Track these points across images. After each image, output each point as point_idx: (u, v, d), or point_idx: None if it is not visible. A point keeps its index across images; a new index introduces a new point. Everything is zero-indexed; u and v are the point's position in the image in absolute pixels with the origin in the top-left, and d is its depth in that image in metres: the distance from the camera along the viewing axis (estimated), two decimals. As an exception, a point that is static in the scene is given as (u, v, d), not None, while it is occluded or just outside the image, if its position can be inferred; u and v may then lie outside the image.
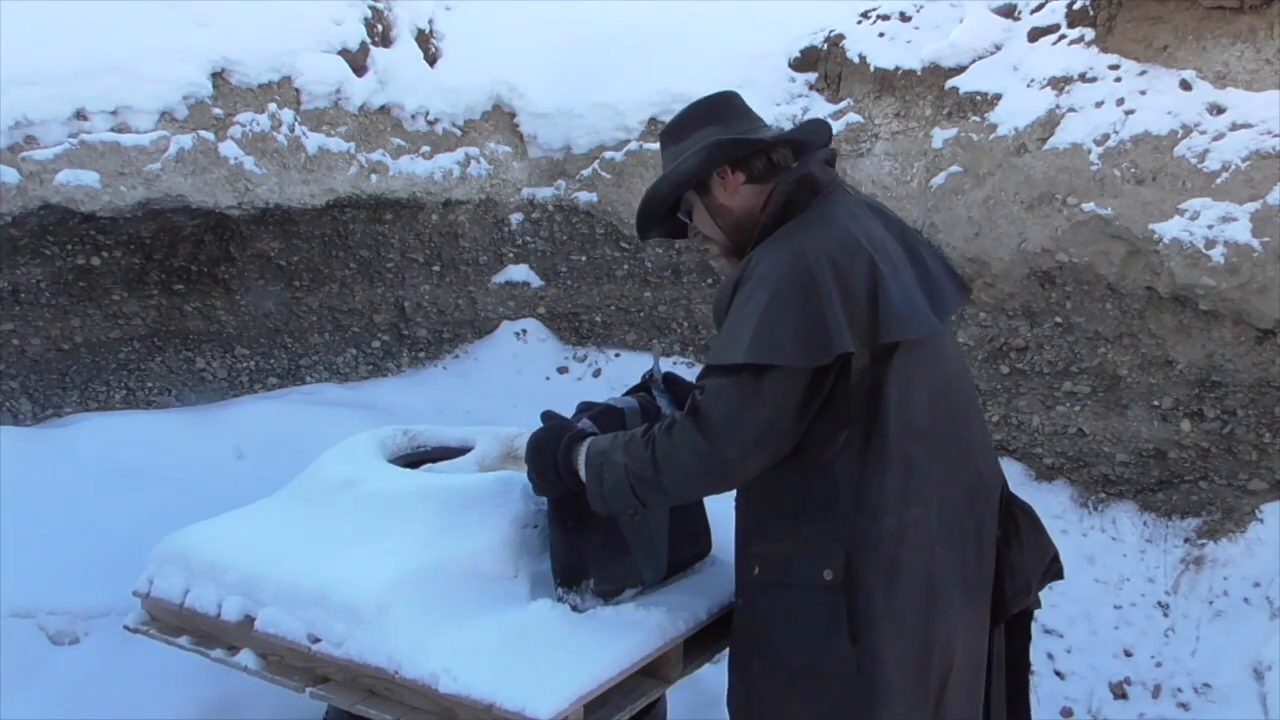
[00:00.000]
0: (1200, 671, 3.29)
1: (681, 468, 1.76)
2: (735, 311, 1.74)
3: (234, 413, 4.29)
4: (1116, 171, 3.85)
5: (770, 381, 1.70)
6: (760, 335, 1.68)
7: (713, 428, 1.72)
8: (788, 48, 4.95)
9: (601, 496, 1.86)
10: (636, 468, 1.79)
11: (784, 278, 1.71)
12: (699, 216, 1.96)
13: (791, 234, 1.79)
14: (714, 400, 1.72)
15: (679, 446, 1.75)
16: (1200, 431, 3.76)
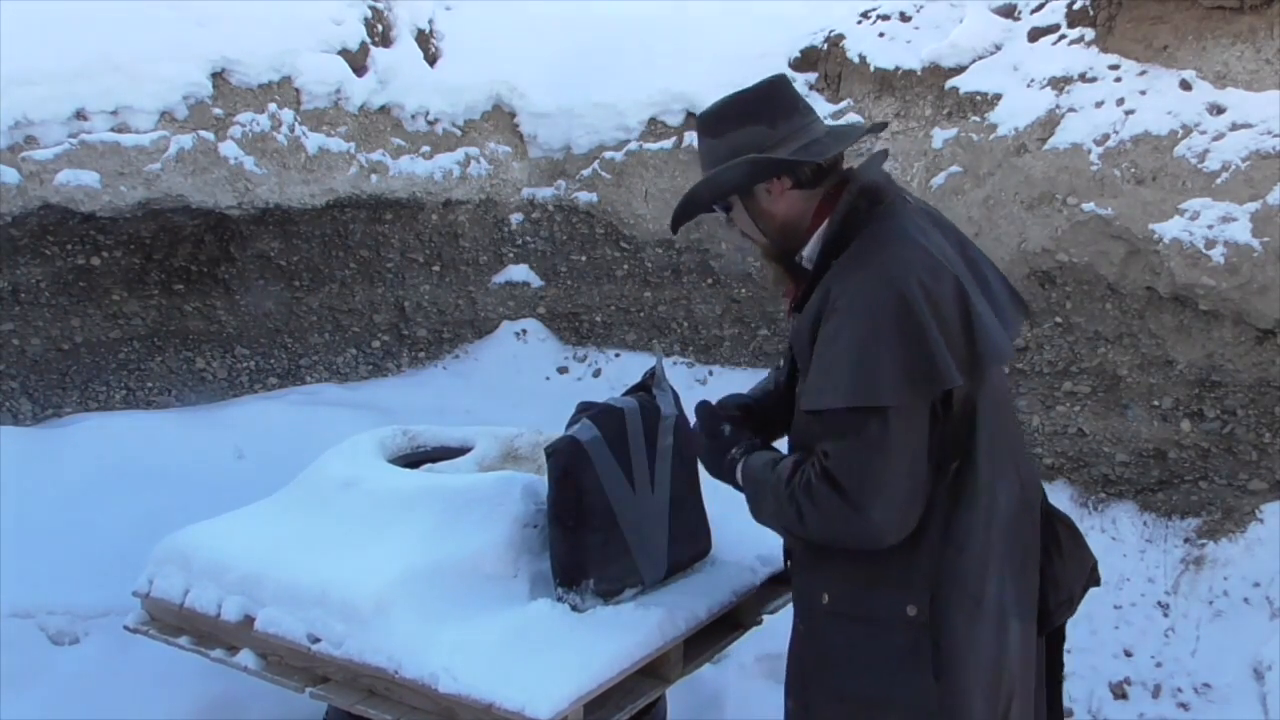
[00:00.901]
0: (1200, 671, 3.29)
1: (834, 534, 1.65)
2: (825, 348, 1.62)
3: (234, 413, 4.30)
4: (1116, 171, 3.85)
5: (894, 424, 1.58)
6: (861, 374, 1.57)
7: (853, 493, 1.59)
8: (788, 48, 4.95)
9: (759, 519, 1.80)
10: (785, 518, 1.71)
11: (877, 308, 1.58)
12: (740, 217, 1.83)
13: (868, 253, 1.65)
14: (844, 464, 1.59)
15: (826, 516, 1.63)
16: (1200, 431, 3.76)
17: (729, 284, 4.94)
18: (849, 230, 1.69)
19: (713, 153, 1.78)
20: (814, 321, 1.65)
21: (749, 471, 1.82)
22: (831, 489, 1.60)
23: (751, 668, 3.26)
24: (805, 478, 1.66)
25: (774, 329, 4.89)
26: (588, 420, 2.21)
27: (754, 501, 1.79)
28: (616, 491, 2.18)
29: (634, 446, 2.24)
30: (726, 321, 4.99)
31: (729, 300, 4.97)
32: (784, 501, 1.69)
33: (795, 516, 1.67)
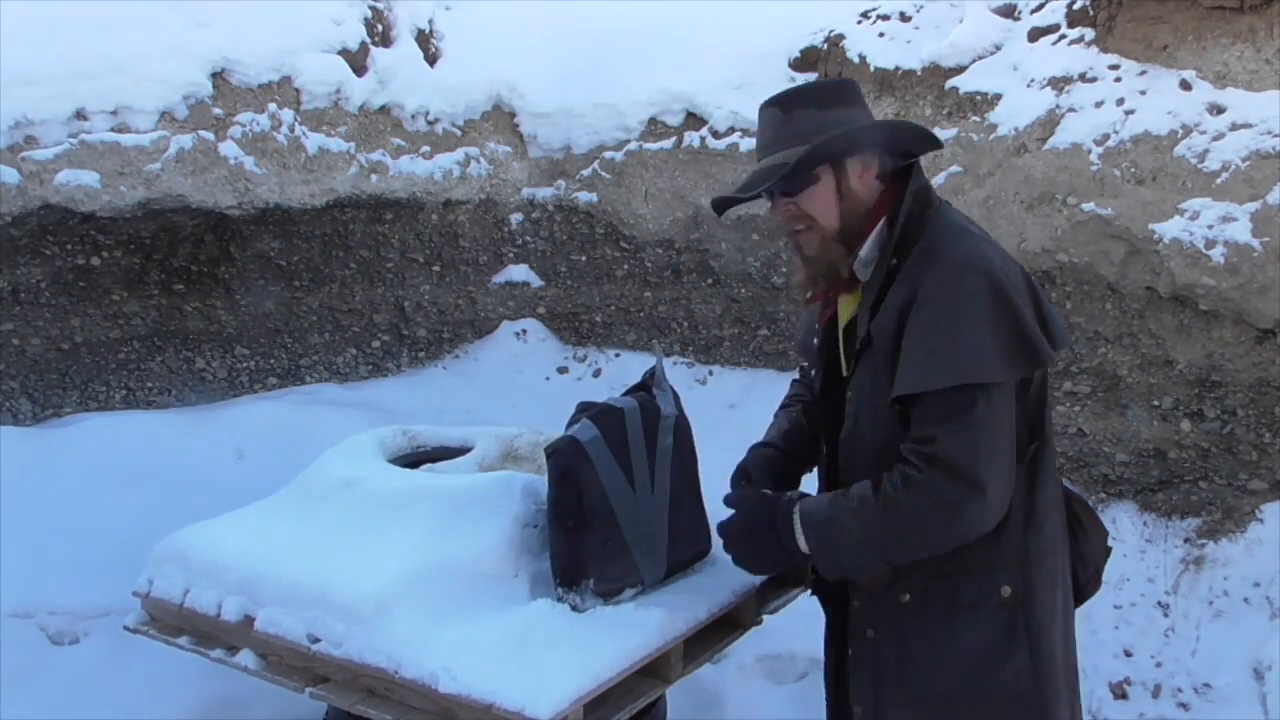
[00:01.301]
0: (1200, 671, 3.28)
1: (937, 525, 1.63)
2: (922, 335, 1.64)
3: (234, 413, 4.30)
4: (1116, 171, 3.85)
5: (996, 403, 1.62)
6: (965, 354, 1.60)
7: (968, 471, 1.60)
8: (788, 48, 4.95)
9: (839, 565, 1.73)
10: (877, 534, 1.66)
11: (970, 292, 1.62)
12: (819, 194, 1.76)
13: (943, 248, 1.69)
14: (955, 443, 1.60)
15: (932, 503, 1.61)
16: (1200, 431, 3.76)
17: (729, 284, 4.94)
18: (910, 230, 1.73)
19: (819, 122, 1.74)
20: (899, 315, 1.67)
21: (811, 515, 1.74)
22: (944, 474, 1.60)
23: (751, 668, 3.27)
24: (902, 478, 1.64)
25: (774, 329, 4.89)
26: (588, 420, 2.21)
27: (828, 541, 1.71)
28: (616, 491, 2.18)
29: (634, 446, 2.24)
30: (726, 321, 4.99)
31: (729, 300, 4.97)
32: (875, 519, 1.65)
33: (893, 524, 1.64)
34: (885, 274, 1.72)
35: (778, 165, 1.74)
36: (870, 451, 1.75)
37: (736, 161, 4.78)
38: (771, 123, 1.79)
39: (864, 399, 1.76)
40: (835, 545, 1.70)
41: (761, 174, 1.77)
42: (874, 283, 1.75)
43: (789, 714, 3.12)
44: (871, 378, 1.74)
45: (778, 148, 1.76)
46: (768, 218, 4.75)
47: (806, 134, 1.73)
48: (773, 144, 1.78)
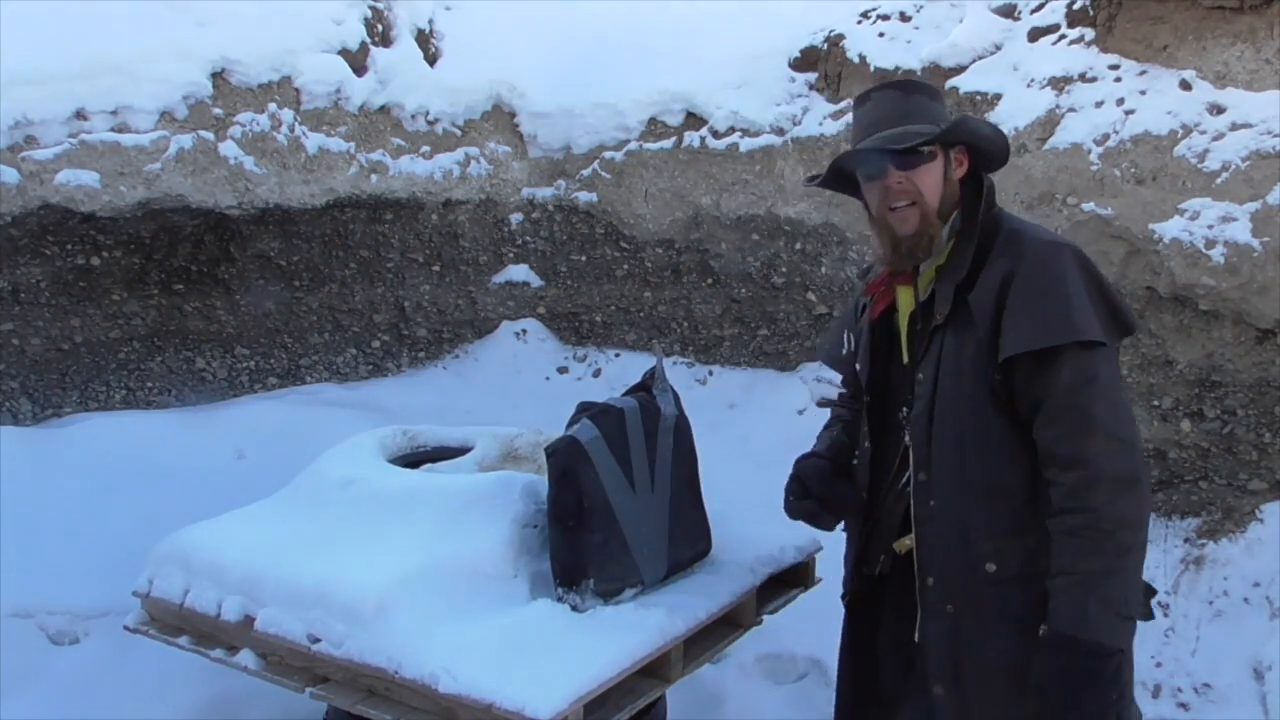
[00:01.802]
0: (1200, 671, 3.28)
1: (1138, 498, 1.66)
2: (1035, 300, 1.71)
3: (234, 413, 4.30)
4: (1116, 171, 3.85)
5: (1115, 366, 1.74)
6: (1080, 316, 1.69)
7: (1126, 434, 1.68)
8: (788, 48, 4.95)
9: (1131, 618, 1.67)
10: (1129, 558, 1.65)
11: (1068, 265, 1.73)
12: (931, 172, 1.86)
13: (1025, 232, 1.83)
14: (1109, 410, 1.67)
15: (1124, 480, 1.65)
16: (1200, 431, 3.76)
17: (729, 284, 4.94)
18: (989, 223, 1.87)
19: (934, 111, 1.88)
20: (1001, 286, 1.75)
21: (1079, 615, 1.64)
22: (1106, 441, 1.65)
23: (751, 668, 3.26)
24: (1074, 478, 1.66)
25: (774, 329, 4.89)
26: (588, 420, 2.21)
27: (1115, 616, 1.63)
28: (616, 492, 2.18)
29: (634, 447, 2.24)
30: (726, 321, 4.99)
31: (729, 300, 4.97)
32: (1091, 546, 1.64)
33: (1110, 537, 1.63)
34: (973, 256, 1.81)
35: (916, 132, 1.82)
36: (951, 422, 1.79)
37: (736, 161, 4.78)
38: (891, 102, 1.88)
39: (946, 371, 1.80)
40: (1114, 608, 1.64)
41: (910, 134, 1.83)
42: (959, 262, 1.83)
43: (789, 714, 3.12)
44: (955, 351, 1.79)
45: (902, 122, 1.85)
46: (768, 218, 4.75)
47: (929, 116, 1.86)
48: (895, 119, 1.85)
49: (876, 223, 1.91)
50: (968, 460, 1.78)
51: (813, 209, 4.66)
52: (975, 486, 1.78)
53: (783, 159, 4.71)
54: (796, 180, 4.68)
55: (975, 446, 1.77)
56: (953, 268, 1.84)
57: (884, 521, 1.95)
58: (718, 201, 4.82)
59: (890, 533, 1.93)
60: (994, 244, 1.82)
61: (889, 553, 1.93)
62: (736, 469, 3.87)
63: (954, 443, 1.78)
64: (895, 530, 1.92)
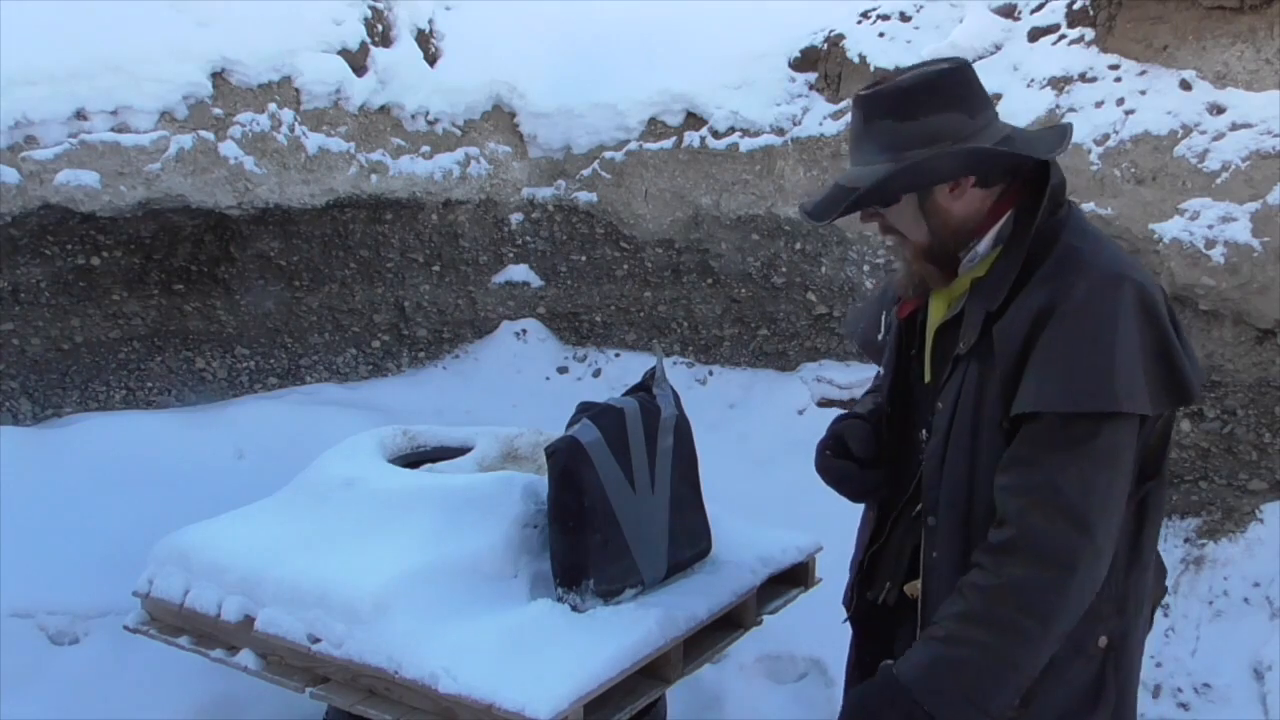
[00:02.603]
0: (1200, 671, 3.28)
1: (1054, 589, 1.40)
2: (1067, 348, 1.42)
3: (234, 413, 4.30)
4: (1116, 171, 3.85)
5: (1123, 435, 1.42)
6: (1121, 378, 1.39)
7: (1083, 515, 1.39)
8: (788, 48, 4.95)
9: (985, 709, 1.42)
10: (994, 641, 1.41)
11: (1125, 309, 1.41)
12: (905, 214, 1.58)
13: (1085, 253, 1.48)
14: (1079, 483, 1.40)
15: (1046, 555, 1.40)
16: (1200, 431, 3.76)
17: (729, 284, 4.94)
18: (1043, 231, 1.53)
19: (900, 136, 1.52)
20: (1035, 318, 1.45)
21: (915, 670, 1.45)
22: (1054, 515, 1.40)
23: (751, 668, 3.26)
24: (991, 548, 1.44)
25: (774, 329, 4.89)
26: (588, 420, 2.21)
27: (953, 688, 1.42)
28: (617, 492, 2.18)
29: (634, 446, 2.24)
30: (726, 321, 4.99)
31: (729, 300, 4.97)
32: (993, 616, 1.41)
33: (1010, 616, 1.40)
34: (1014, 274, 1.50)
35: (845, 190, 1.55)
36: (963, 468, 1.55)
37: (736, 161, 4.78)
38: (853, 125, 1.59)
39: (965, 408, 1.54)
40: (963, 685, 1.41)
41: (834, 193, 1.58)
42: (996, 282, 1.52)
43: (789, 714, 3.12)
44: (977, 387, 1.53)
45: (857, 159, 1.58)
46: (768, 218, 4.75)
47: (885, 149, 1.54)
48: (854, 151, 1.60)
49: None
50: (975, 514, 1.54)
51: (813, 209, 4.66)
52: (980, 543, 1.52)
53: (783, 159, 4.71)
54: (796, 180, 4.68)
55: (984, 500, 1.52)
56: (988, 287, 1.53)
57: (890, 549, 1.76)
58: (718, 201, 4.81)
59: (898, 564, 1.73)
60: (1042, 264, 1.49)
61: (895, 586, 1.73)
62: (736, 469, 3.87)
63: (964, 491, 1.54)
64: (904, 563, 1.72)
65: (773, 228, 4.77)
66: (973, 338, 1.53)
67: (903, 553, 1.72)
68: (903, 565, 1.72)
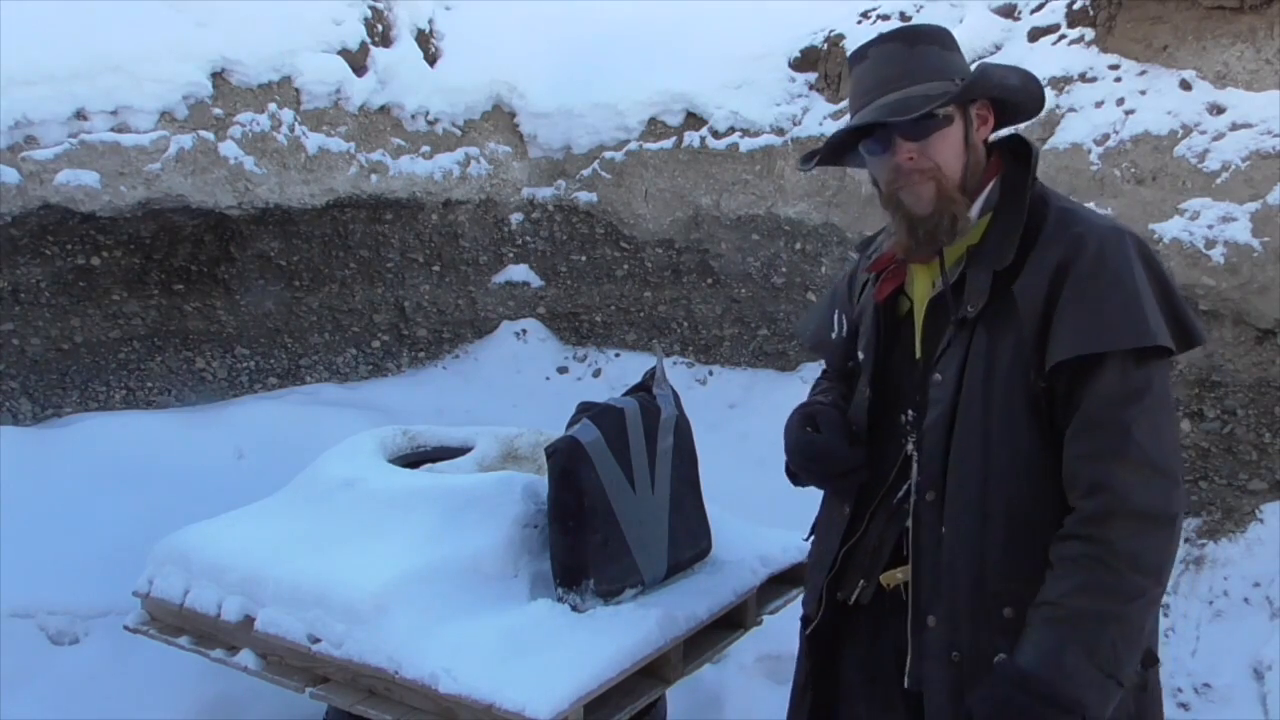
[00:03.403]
0: (1200, 671, 3.28)
1: (1162, 541, 1.41)
2: (1103, 292, 1.44)
3: (234, 413, 4.30)
4: (1116, 171, 3.85)
5: (1168, 381, 1.47)
6: (1153, 316, 1.43)
7: (1167, 463, 1.42)
8: (788, 48, 4.95)
9: (1123, 672, 1.40)
10: (1135, 605, 1.39)
11: (1134, 258, 1.47)
12: (950, 138, 1.55)
13: (1083, 213, 1.55)
14: (1152, 433, 1.41)
15: (1151, 517, 1.40)
16: (1200, 431, 3.76)
17: (729, 284, 4.94)
18: (1035, 199, 1.57)
19: (947, 62, 1.58)
20: (1056, 273, 1.47)
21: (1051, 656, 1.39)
22: (1141, 470, 1.40)
23: (751, 668, 3.26)
24: (1096, 504, 1.40)
25: (774, 329, 4.89)
26: (588, 420, 2.21)
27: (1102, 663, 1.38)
28: (617, 492, 2.18)
29: (634, 447, 2.24)
30: (726, 321, 4.99)
31: (729, 300, 4.97)
32: (1100, 582, 1.38)
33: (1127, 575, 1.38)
34: (1018, 234, 1.52)
35: (924, 95, 1.53)
36: (976, 435, 1.51)
37: (737, 161, 4.78)
38: (895, 57, 1.58)
39: (974, 374, 1.52)
40: (1097, 659, 1.38)
41: (915, 99, 1.53)
42: (998, 244, 1.54)
43: (789, 714, 3.11)
44: (987, 350, 1.51)
45: (907, 83, 1.54)
46: (768, 218, 4.75)
47: (941, 70, 1.55)
48: (900, 79, 1.55)
49: (887, 201, 1.62)
50: (992, 484, 1.49)
51: (813, 209, 4.66)
52: (998, 516, 1.49)
53: (783, 159, 4.71)
54: (796, 180, 4.68)
55: (1002, 468, 1.49)
56: (991, 250, 1.54)
57: (868, 542, 1.67)
58: (718, 201, 4.81)
59: (876, 556, 1.65)
60: (1043, 225, 1.52)
61: (872, 581, 1.65)
62: (736, 469, 3.87)
63: (977, 461, 1.50)
64: (884, 555, 1.64)
65: (773, 228, 4.77)
66: (981, 301, 1.53)
67: (883, 544, 1.65)
68: (882, 558, 1.65)
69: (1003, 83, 1.57)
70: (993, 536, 1.50)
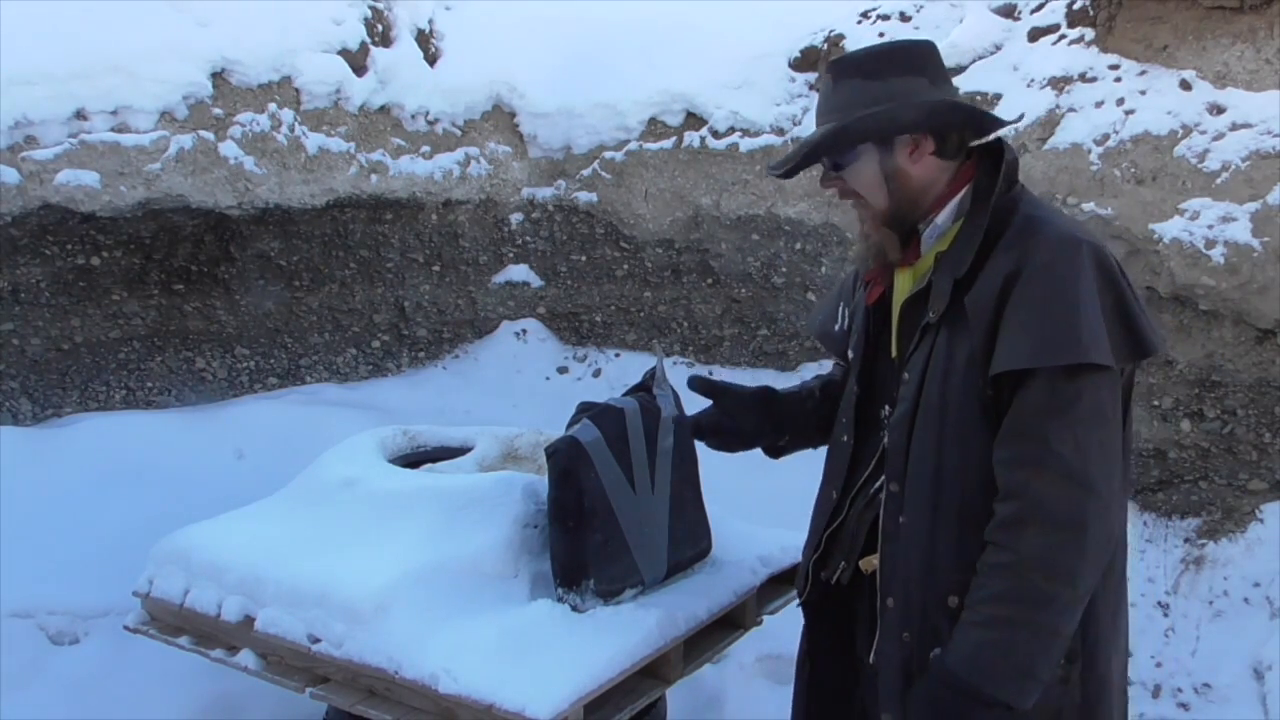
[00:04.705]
0: (1200, 671, 3.28)
1: (1074, 549, 1.45)
2: (1037, 307, 1.49)
3: (234, 413, 4.30)
4: (1116, 171, 3.85)
5: (1106, 393, 1.49)
6: (1087, 332, 1.46)
7: (1085, 474, 1.45)
8: (788, 48, 4.95)
9: (1037, 678, 1.48)
10: (1045, 609, 1.46)
11: (1084, 268, 1.50)
12: (864, 174, 1.64)
13: (1044, 220, 1.58)
14: (1072, 444, 1.45)
15: (1062, 525, 1.45)
16: (1200, 431, 3.76)
17: (729, 284, 4.94)
18: (1002, 204, 1.61)
19: (865, 93, 1.61)
20: (1005, 283, 1.52)
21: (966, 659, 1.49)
22: (1055, 479, 1.45)
23: (751, 668, 3.27)
24: (1008, 516, 1.47)
25: (774, 329, 4.89)
26: (588, 420, 2.21)
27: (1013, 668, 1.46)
28: (617, 492, 2.18)
29: (634, 447, 2.24)
30: (726, 321, 4.99)
31: (729, 300, 4.97)
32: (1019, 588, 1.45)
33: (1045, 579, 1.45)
34: (978, 242, 1.58)
35: (812, 141, 1.63)
36: (932, 433, 1.59)
37: (737, 161, 4.78)
38: (823, 91, 1.68)
39: (934, 375, 1.59)
40: (1013, 661, 1.46)
41: (799, 149, 1.66)
42: (960, 252, 1.59)
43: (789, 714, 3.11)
44: (946, 354, 1.58)
45: (823, 119, 1.66)
46: (768, 218, 4.75)
47: (848, 106, 1.62)
48: (821, 114, 1.67)
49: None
50: (943, 478, 1.58)
51: (813, 209, 4.66)
52: (949, 510, 1.58)
53: (783, 159, 4.71)
54: (797, 180, 4.66)
55: (952, 464, 1.57)
56: (954, 257, 1.60)
57: (849, 526, 1.80)
58: (718, 201, 4.82)
59: (855, 540, 1.78)
60: (1004, 232, 1.57)
61: (851, 563, 1.78)
62: (736, 469, 3.86)
63: (932, 456, 1.59)
64: (861, 539, 1.76)
65: (773, 228, 4.77)
66: (942, 306, 1.60)
67: (860, 528, 1.77)
68: (859, 541, 1.77)
69: (894, 119, 1.59)
70: (943, 529, 1.59)
